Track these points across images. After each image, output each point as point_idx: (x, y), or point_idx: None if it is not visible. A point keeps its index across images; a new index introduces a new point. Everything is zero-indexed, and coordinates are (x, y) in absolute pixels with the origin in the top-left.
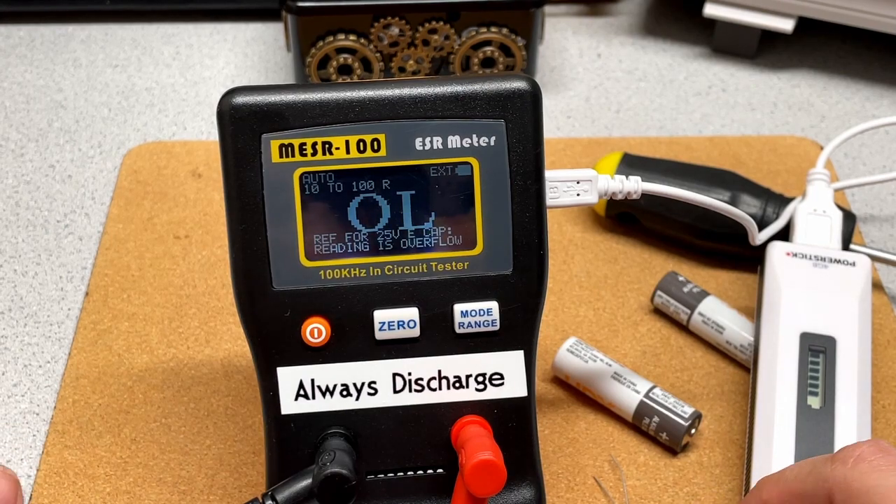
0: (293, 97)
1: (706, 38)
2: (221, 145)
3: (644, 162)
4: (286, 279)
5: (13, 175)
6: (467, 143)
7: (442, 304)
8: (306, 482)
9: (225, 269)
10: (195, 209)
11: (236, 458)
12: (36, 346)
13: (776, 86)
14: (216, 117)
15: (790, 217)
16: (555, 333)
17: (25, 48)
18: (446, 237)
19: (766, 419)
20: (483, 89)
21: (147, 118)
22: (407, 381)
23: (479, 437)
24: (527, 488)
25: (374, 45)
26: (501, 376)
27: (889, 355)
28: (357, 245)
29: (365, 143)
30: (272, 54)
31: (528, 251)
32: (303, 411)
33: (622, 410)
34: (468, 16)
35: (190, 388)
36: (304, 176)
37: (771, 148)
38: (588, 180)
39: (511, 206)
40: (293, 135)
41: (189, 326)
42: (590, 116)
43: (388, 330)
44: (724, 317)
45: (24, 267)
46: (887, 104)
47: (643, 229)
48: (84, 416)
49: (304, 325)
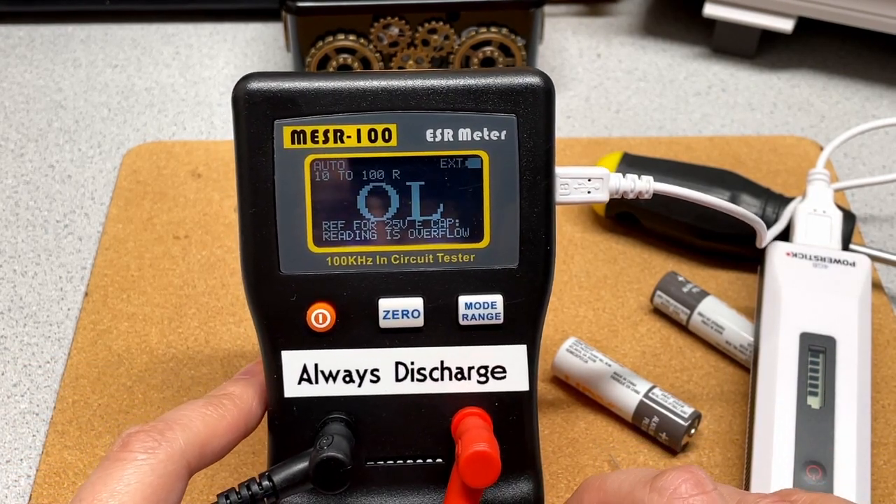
0: (307, 84)
1: (706, 38)
2: (235, 130)
3: (644, 162)
4: (294, 264)
5: (13, 175)
6: (478, 137)
7: (447, 295)
8: (303, 465)
9: (224, 270)
10: (195, 209)
11: (236, 458)
12: (35, 346)
13: (776, 86)
14: (231, 102)
15: (790, 217)
16: (554, 333)
17: (25, 48)
18: (454, 229)
19: (766, 419)
20: (496, 83)
21: (147, 118)
22: (409, 370)
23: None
24: (525, 482)
25: (373, 45)
26: (503, 370)
27: (889, 355)
28: (365, 233)
29: (376, 132)
30: (272, 54)
31: (534, 246)
32: (305, 395)
33: (622, 410)
34: (468, 16)
35: (189, 388)
36: (315, 163)
37: (771, 148)
38: (599, 178)
39: (519, 200)
40: (306, 122)
41: (188, 327)
42: (589, 116)
43: (393, 318)
44: (724, 317)
45: (24, 267)
46: (887, 104)
47: (643, 229)
48: (84, 417)
49: (310, 311)
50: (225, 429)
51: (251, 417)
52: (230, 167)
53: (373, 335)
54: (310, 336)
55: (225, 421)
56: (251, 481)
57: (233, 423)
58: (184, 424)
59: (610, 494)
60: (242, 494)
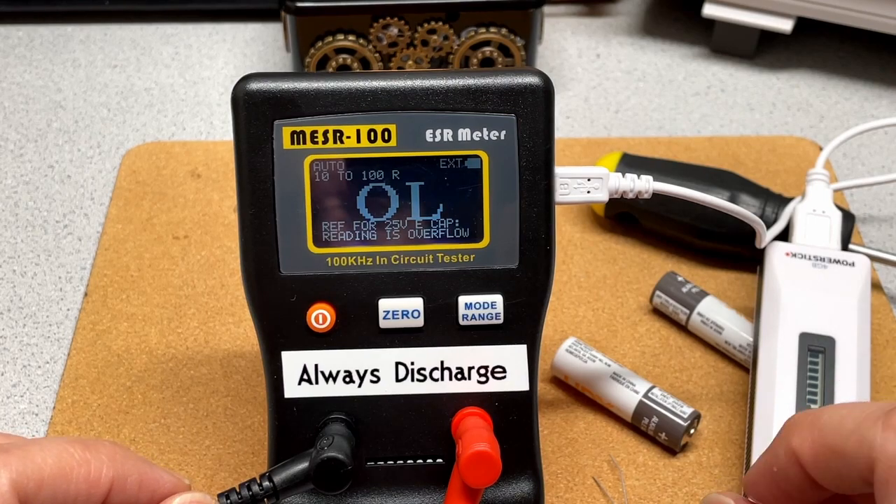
0: (306, 85)
1: (705, 39)
2: (234, 130)
3: (643, 162)
4: (293, 265)
5: (12, 175)
6: (477, 137)
7: (447, 295)
8: (303, 465)
9: (224, 270)
10: (194, 209)
11: (235, 458)
12: (35, 346)
13: (775, 86)
14: (230, 102)
15: (789, 217)
16: (554, 333)
17: (24, 48)
18: (453, 229)
19: (766, 419)
20: (495, 83)
21: (146, 118)
22: (409, 371)
23: (477, 429)
24: (526, 482)
25: (373, 46)
26: (504, 370)
27: (888, 355)
28: (365, 234)
29: (376, 132)
30: (271, 55)
31: (534, 246)
32: (305, 396)
33: (621, 410)
34: (467, 16)
35: (189, 388)
36: (314, 163)
37: (770, 148)
38: (599, 178)
39: (519, 200)
40: (305, 122)
41: (188, 327)
42: (589, 117)
43: (393, 319)
44: (723, 317)
45: (23, 267)
46: (886, 104)
47: (642, 229)
48: (83, 417)
49: (310, 311)
50: (81, 477)
51: (102, 486)
52: (230, 167)
53: (373, 335)
54: (310, 336)
55: (87, 468)
56: (251, 482)
57: (94, 477)
58: (27, 453)
59: (828, 433)
60: (243, 495)
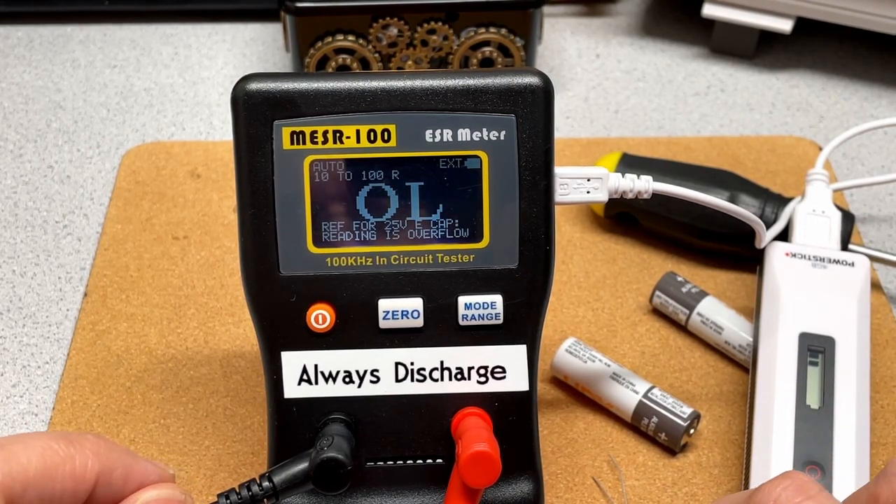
0: (306, 85)
1: (705, 39)
2: (234, 130)
3: (643, 162)
4: (293, 265)
5: (12, 176)
6: (477, 137)
7: (446, 295)
8: (303, 465)
9: (223, 270)
10: (194, 210)
11: (235, 458)
12: (34, 346)
13: (775, 86)
14: (230, 102)
15: (789, 217)
16: (553, 334)
17: (24, 49)
18: (453, 229)
19: (765, 419)
20: (495, 83)
21: (146, 119)
22: (409, 371)
23: (477, 429)
24: (525, 482)
25: (372, 46)
26: (503, 370)
27: (887, 355)
28: (364, 234)
29: (376, 133)
30: (271, 55)
31: (534, 246)
32: (305, 396)
33: (621, 411)
34: (467, 16)
35: (189, 388)
36: (314, 163)
37: (770, 148)
38: (599, 178)
39: (519, 200)
40: (305, 122)
41: (188, 327)
42: (588, 117)
43: (392, 319)
44: (723, 317)
45: (23, 267)
46: (886, 104)
47: (642, 229)
48: (83, 417)
49: (310, 311)
50: (67, 474)
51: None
52: (229, 167)
53: (373, 336)
54: (309, 337)
55: (72, 464)
56: (251, 482)
57: (80, 472)
58: (11, 453)
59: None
60: (243, 495)
